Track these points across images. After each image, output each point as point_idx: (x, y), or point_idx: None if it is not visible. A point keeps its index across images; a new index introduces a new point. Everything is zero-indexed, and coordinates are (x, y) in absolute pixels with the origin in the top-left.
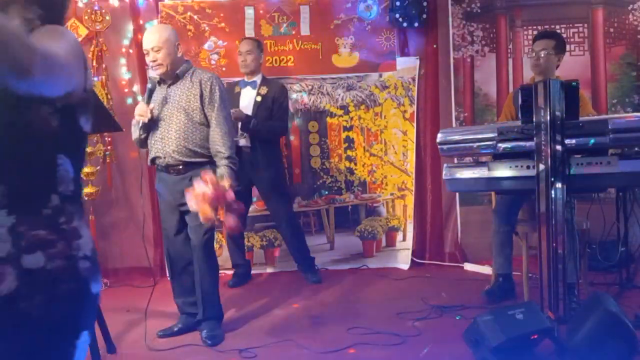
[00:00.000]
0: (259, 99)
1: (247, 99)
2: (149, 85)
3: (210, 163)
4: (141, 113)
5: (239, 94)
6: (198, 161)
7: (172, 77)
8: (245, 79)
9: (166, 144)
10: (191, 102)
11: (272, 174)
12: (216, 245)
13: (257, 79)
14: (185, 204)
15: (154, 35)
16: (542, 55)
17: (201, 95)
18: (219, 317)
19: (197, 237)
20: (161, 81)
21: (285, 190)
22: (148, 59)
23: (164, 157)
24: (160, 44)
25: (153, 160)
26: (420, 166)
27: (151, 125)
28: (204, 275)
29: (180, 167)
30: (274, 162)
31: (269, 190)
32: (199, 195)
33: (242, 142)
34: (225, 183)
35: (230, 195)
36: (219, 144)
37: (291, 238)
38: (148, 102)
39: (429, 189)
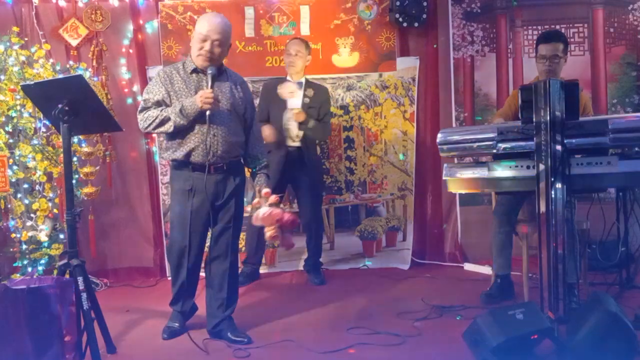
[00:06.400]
0: (306, 100)
1: (295, 100)
2: (210, 71)
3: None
4: (207, 100)
5: None
6: (237, 160)
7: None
8: (292, 79)
9: (218, 142)
10: (239, 104)
11: (315, 175)
12: None
13: (302, 80)
14: (220, 200)
15: (222, 28)
16: (557, 61)
17: (244, 98)
18: None
19: (232, 232)
20: (197, 72)
21: (321, 192)
22: (202, 45)
23: (213, 156)
24: (224, 39)
25: (190, 156)
26: (420, 166)
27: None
28: (234, 267)
29: (224, 166)
30: (318, 164)
31: (308, 190)
32: (267, 215)
33: (292, 143)
34: (266, 189)
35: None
36: (257, 149)
37: (315, 237)
38: (212, 89)
39: (429, 189)
